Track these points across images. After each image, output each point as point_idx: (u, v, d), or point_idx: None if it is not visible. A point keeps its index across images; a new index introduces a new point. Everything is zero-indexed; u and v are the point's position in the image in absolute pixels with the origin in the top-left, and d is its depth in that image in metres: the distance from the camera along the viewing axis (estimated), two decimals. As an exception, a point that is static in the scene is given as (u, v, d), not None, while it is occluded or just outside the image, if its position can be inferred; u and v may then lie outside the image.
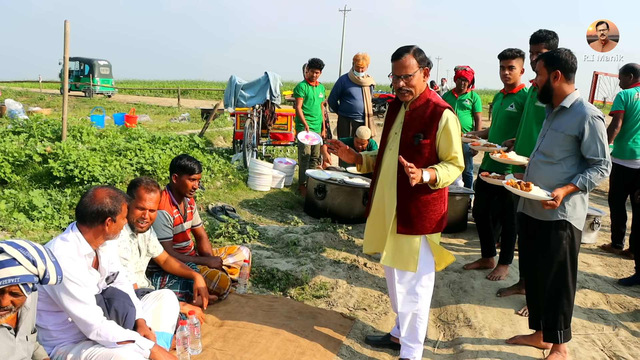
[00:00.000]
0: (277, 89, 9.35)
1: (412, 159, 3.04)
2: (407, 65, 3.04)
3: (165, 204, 3.91)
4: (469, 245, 5.95)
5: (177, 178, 3.96)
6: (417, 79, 3.06)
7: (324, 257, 5.16)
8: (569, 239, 3.21)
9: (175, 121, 17.14)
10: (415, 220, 3.12)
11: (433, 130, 3.04)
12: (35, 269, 2.15)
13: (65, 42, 7.65)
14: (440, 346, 3.72)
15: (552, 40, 4.14)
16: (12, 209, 5.55)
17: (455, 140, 3.05)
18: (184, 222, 4.09)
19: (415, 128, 3.09)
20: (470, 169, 7.26)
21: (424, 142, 3.06)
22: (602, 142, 3.09)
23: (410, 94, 3.09)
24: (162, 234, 3.87)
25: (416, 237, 3.15)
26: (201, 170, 4.02)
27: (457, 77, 6.79)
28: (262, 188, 7.81)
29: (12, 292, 2.13)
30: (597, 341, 3.75)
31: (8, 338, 2.24)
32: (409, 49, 3.07)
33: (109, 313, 2.76)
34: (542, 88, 3.26)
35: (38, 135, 8.33)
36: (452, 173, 3.05)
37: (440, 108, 3.05)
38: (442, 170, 3.01)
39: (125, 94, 34.50)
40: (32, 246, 2.21)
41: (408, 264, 3.16)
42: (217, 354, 3.23)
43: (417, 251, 3.14)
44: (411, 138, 3.09)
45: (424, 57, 3.09)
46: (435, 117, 3.04)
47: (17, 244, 2.18)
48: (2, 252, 2.12)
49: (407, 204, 3.11)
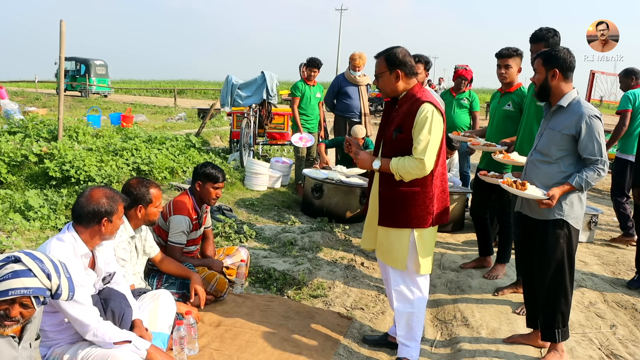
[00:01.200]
0: (273, 88, 9.33)
1: (392, 153, 3.11)
2: (376, 66, 3.17)
3: (190, 210, 3.93)
4: (466, 244, 5.96)
5: (201, 186, 3.97)
6: (386, 80, 3.13)
7: (321, 257, 5.15)
8: (567, 238, 3.21)
9: (171, 121, 17.11)
10: (396, 212, 3.12)
11: (409, 123, 3.04)
12: (49, 283, 2.13)
13: (61, 41, 7.64)
14: (437, 345, 3.71)
15: (552, 39, 4.12)
16: (8, 209, 5.53)
17: (424, 130, 2.98)
18: (199, 228, 4.10)
19: (396, 123, 3.12)
20: (467, 167, 7.26)
21: (400, 137, 3.08)
22: (599, 141, 3.08)
23: (384, 94, 3.21)
24: (177, 238, 3.88)
25: (405, 233, 3.12)
26: (225, 179, 4.04)
27: (457, 76, 6.78)
28: (259, 188, 7.80)
29: (23, 304, 2.10)
30: (595, 340, 3.75)
31: (11, 347, 2.21)
32: (386, 51, 3.15)
33: (105, 313, 2.74)
34: (540, 86, 3.26)
35: (34, 136, 8.31)
36: (408, 165, 2.99)
37: (419, 102, 3.03)
38: (397, 161, 3.04)
39: (121, 93, 34.42)
40: (49, 259, 2.19)
41: (396, 260, 3.16)
42: (214, 354, 3.22)
43: (406, 248, 3.13)
44: (391, 133, 3.13)
45: (398, 62, 3.08)
46: (413, 111, 3.03)
47: (34, 255, 2.16)
48: (19, 262, 2.10)
49: (387, 196, 3.13)
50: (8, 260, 2.10)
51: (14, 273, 2.06)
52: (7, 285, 2.05)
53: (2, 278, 2.06)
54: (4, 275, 2.06)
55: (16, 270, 2.07)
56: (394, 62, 3.08)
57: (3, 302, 2.07)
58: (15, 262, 2.10)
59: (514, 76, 4.60)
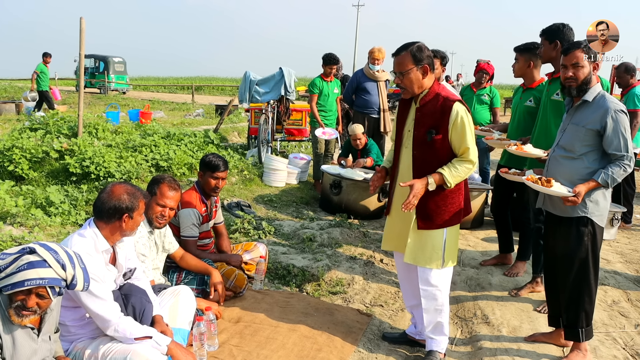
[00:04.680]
0: (291, 84, 9.33)
1: (427, 155, 3.05)
2: (401, 63, 3.03)
3: (196, 202, 3.92)
4: (486, 240, 5.90)
5: (202, 176, 3.98)
6: (413, 77, 3.03)
7: (340, 253, 5.13)
8: (591, 236, 3.15)
9: (189, 117, 17.18)
10: (435, 214, 3.10)
11: (444, 124, 3.00)
12: (64, 273, 2.16)
13: (80, 39, 7.68)
14: (457, 343, 3.68)
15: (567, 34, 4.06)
16: (29, 204, 5.59)
17: (467, 133, 3.00)
18: (209, 221, 4.10)
19: (427, 124, 3.06)
20: (487, 164, 7.20)
21: (437, 138, 3.03)
22: (625, 136, 3.02)
23: (406, 91, 3.08)
24: (189, 232, 3.88)
25: (438, 232, 3.12)
26: (227, 169, 4.01)
27: (478, 70, 6.70)
28: (277, 184, 7.81)
29: (39, 294, 2.13)
30: (619, 339, 3.69)
31: (31, 339, 2.24)
32: (407, 46, 3.04)
33: (126, 309, 2.76)
34: (584, 81, 3.14)
35: (54, 132, 8.39)
36: (461, 171, 3.02)
37: (449, 102, 3.00)
38: (450, 172, 3.00)
39: (139, 90, 34.69)
40: (64, 250, 2.21)
41: (431, 260, 3.14)
42: (233, 350, 3.23)
43: (441, 247, 3.13)
44: (424, 134, 3.06)
45: (424, 56, 3.02)
46: (446, 111, 3.00)
47: (49, 246, 2.18)
48: (34, 253, 2.13)
49: (425, 199, 3.07)
50: (23, 252, 2.14)
51: (29, 264, 2.10)
52: (23, 276, 2.08)
53: (19, 269, 2.09)
54: (20, 266, 2.09)
55: (31, 261, 2.10)
56: (420, 57, 3.02)
57: (20, 292, 2.11)
58: (30, 253, 2.13)
59: (522, 70, 4.55)
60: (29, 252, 2.13)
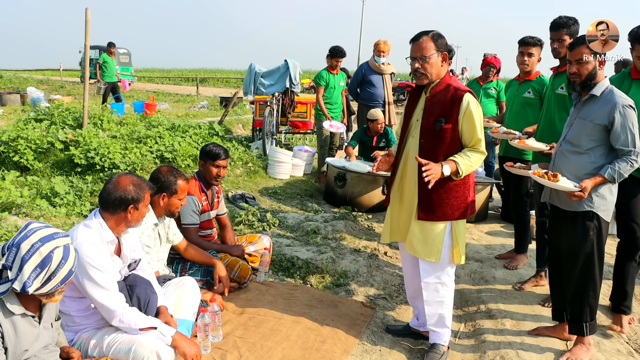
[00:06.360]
0: (296, 76, 9.31)
1: (434, 144, 3.03)
2: (424, 47, 3.02)
3: (195, 191, 3.93)
4: (490, 234, 5.89)
5: (203, 165, 3.98)
6: (434, 62, 3.03)
7: (344, 246, 5.14)
8: (596, 230, 3.14)
9: (194, 109, 17.17)
10: (437, 206, 3.08)
11: (454, 114, 3.00)
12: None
13: (86, 30, 7.68)
14: (461, 336, 3.68)
15: (573, 26, 4.04)
16: (34, 195, 5.61)
17: (478, 124, 3.00)
18: (210, 210, 4.10)
19: (436, 113, 3.04)
20: (492, 158, 7.17)
21: (446, 127, 3.01)
22: (633, 131, 3.00)
23: (425, 77, 3.06)
24: (189, 219, 3.88)
25: (441, 225, 3.11)
26: (227, 157, 4.02)
27: (485, 64, 6.67)
28: (281, 176, 7.81)
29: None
30: (622, 334, 3.68)
31: (32, 325, 2.26)
32: (428, 32, 3.06)
33: (131, 300, 2.77)
34: (589, 76, 3.12)
35: (60, 123, 8.40)
36: (474, 161, 3.01)
37: (460, 92, 3.00)
38: (463, 160, 2.97)
39: (144, 82, 34.69)
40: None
41: (431, 253, 3.12)
42: (237, 341, 3.24)
43: (442, 240, 3.11)
44: (432, 123, 3.05)
45: (444, 43, 3.06)
46: (456, 100, 2.99)
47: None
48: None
49: (429, 190, 3.03)
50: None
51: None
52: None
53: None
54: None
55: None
56: (441, 43, 3.05)
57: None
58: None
59: (534, 65, 4.58)
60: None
